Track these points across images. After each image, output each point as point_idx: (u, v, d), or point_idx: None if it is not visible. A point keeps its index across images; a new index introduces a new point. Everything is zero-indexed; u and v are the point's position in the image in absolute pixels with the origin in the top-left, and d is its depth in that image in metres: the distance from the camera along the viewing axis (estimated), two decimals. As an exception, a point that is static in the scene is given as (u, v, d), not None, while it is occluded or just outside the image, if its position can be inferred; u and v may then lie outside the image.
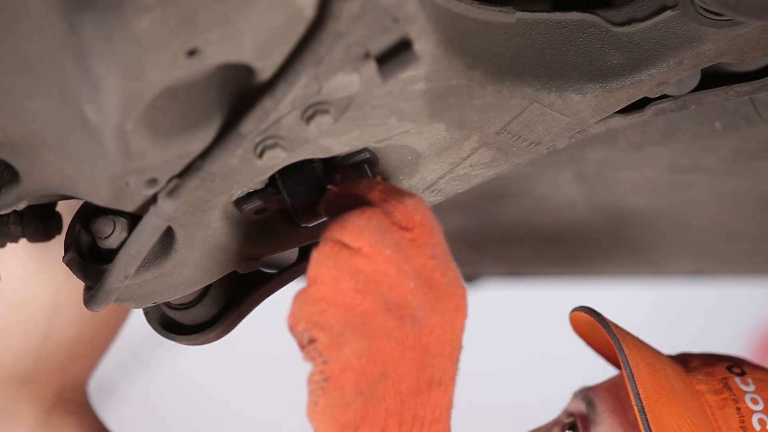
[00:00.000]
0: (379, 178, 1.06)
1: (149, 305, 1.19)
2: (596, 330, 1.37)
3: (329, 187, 1.05)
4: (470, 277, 2.27)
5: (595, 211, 1.83)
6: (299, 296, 0.99)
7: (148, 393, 3.55)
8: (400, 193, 1.02)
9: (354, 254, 0.98)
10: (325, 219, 1.08)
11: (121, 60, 0.87)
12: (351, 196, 1.03)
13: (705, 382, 1.32)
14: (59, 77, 0.93)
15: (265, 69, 0.93)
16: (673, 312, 3.50)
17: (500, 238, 2.00)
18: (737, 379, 1.32)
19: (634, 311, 3.58)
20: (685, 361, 1.38)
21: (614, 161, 1.63)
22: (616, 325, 1.32)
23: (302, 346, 0.98)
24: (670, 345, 1.45)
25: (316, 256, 0.98)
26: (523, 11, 1.09)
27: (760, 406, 1.28)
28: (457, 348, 1.02)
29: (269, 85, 0.94)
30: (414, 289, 0.99)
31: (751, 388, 1.31)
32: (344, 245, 0.98)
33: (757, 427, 1.27)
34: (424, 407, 1.00)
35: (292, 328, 0.98)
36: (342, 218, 1.00)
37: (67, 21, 0.88)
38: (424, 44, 0.98)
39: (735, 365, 1.36)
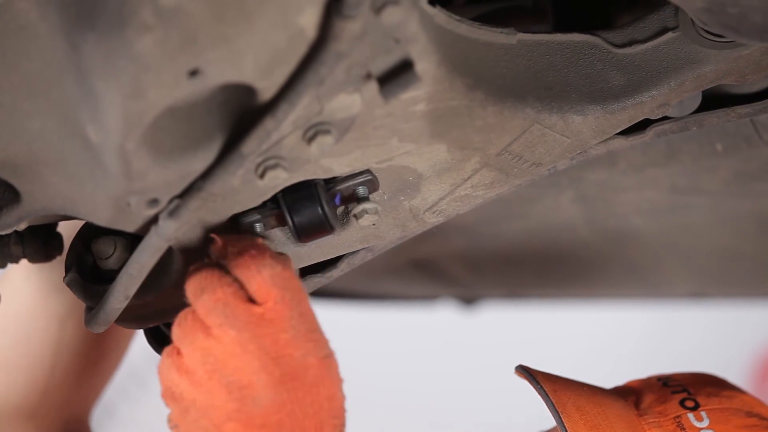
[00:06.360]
0: (259, 240, 1.05)
1: (150, 326, 1.19)
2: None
3: (213, 236, 1.05)
4: (470, 299, 2.27)
5: (595, 232, 1.83)
6: (169, 357, 1.03)
7: (148, 416, 3.53)
8: (261, 262, 1.02)
9: (206, 333, 1.01)
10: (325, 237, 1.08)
11: (123, 79, 0.87)
12: (235, 251, 1.04)
13: (657, 425, 1.29)
14: (60, 97, 0.93)
15: (267, 89, 0.93)
16: (673, 334, 3.49)
17: (500, 260, 1.99)
18: (690, 416, 1.30)
19: (633, 333, 3.58)
20: (638, 398, 1.36)
21: (615, 183, 1.63)
22: (553, 379, 1.29)
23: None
24: (668, 368, 1.44)
25: (177, 332, 1.03)
26: (524, 32, 1.09)
27: None
28: (333, 416, 1.03)
29: (271, 106, 0.94)
30: (258, 369, 1.00)
31: (705, 423, 1.29)
32: (200, 320, 1.02)
33: None
34: None
35: (160, 383, 1.04)
36: (198, 291, 1.02)
37: (68, 41, 0.88)
38: (425, 65, 0.98)
39: (689, 397, 1.33)
